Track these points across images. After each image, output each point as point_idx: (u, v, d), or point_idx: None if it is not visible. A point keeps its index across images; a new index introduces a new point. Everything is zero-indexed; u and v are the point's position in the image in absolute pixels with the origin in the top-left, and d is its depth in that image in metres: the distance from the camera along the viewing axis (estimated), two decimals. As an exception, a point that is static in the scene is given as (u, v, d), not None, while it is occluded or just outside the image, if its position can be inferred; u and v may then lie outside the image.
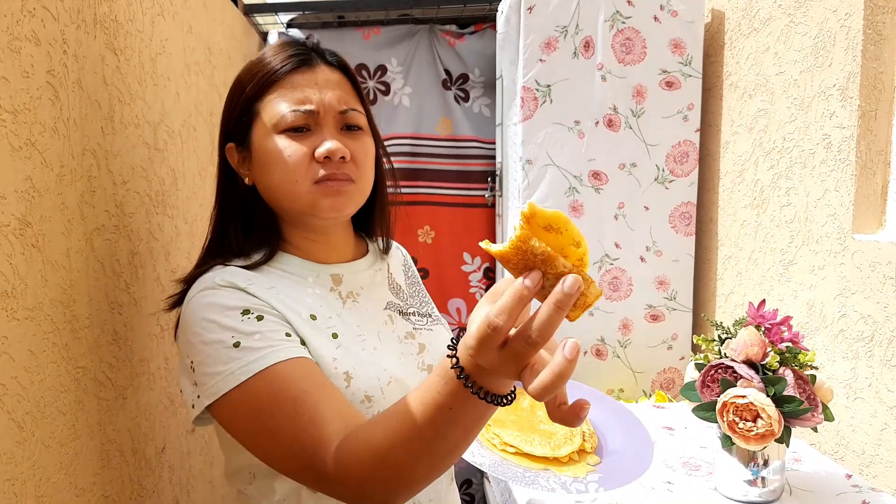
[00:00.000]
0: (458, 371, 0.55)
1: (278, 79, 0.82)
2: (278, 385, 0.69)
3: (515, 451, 0.63)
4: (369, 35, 2.17)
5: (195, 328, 0.74)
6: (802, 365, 0.99)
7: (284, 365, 0.71)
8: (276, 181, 0.81)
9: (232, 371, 0.70)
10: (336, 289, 0.87)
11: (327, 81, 0.83)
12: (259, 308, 0.75)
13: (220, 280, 0.77)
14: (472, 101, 2.23)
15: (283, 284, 0.81)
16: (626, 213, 1.72)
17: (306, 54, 0.84)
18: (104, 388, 0.94)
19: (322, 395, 0.69)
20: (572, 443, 0.66)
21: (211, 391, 0.71)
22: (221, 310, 0.74)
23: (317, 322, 0.80)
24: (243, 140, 0.84)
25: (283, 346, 0.72)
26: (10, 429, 0.71)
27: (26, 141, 0.75)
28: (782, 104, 1.41)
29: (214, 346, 0.72)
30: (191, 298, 0.77)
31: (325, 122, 0.81)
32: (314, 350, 0.76)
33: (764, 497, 1.01)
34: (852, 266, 1.20)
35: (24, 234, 0.74)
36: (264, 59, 0.84)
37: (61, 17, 0.84)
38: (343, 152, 0.80)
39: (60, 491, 0.81)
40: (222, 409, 0.71)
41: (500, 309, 0.50)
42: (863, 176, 1.20)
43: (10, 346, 0.71)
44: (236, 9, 1.92)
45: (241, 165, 0.86)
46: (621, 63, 1.67)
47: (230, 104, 0.87)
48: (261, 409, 0.69)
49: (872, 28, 1.17)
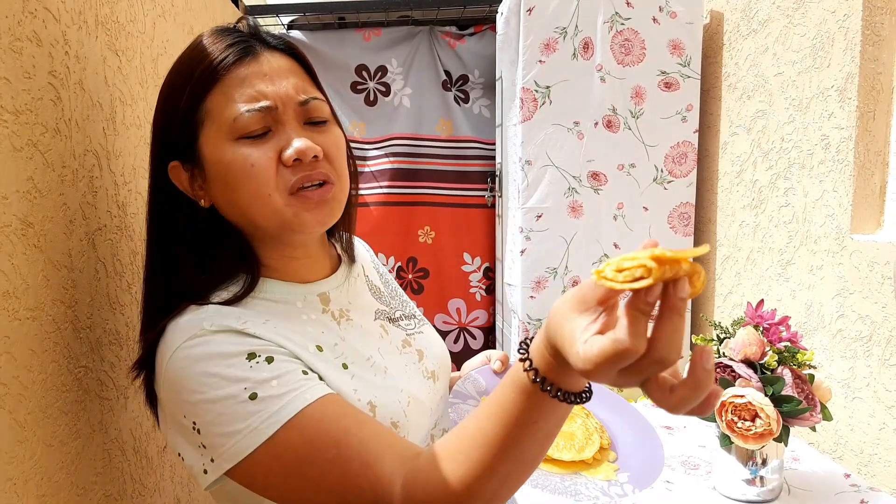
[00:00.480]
0: (541, 382, 0.52)
1: (220, 75, 0.69)
2: (313, 430, 0.61)
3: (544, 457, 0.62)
4: (370, 37, 2.18)
5: (192, 386, 0.63)
6: (801, 364, 0.99)
7: (314, 407, 0.62)
8: (245, 197, 0.69)
9: (254, 427, 0.61)
10: (328, 310, 0.77)
11: (277, 70, 0.71)
12: (265, 349, 0.65)
13: (210, 325, 0.65)
14: (472, 101, 2.23)
15: (275, 316, 0.71)
16: (625, 213, 1.73)
17: (246, 42, 0.71)
18: (106, 388, 0.94)
19: (366, 432, 0.62)
20: (593, 442, 0.64)
21: (230, 453, 0.61)
22: (222, 359, 0.63)
23: (324, 353, 0.71)
24: (189, 155, 0.71)
25: (307, 387, 0.64)
26: (12, 428, 0.72)
27: (28, 141, 0.75)
28: (781, 105, 1.41)
29: (226, 404, 0.62)
30: (173, 352, 0.65)
31: (285, 117, 0.70)
32: (332, 383, 0.68)
33: (762, 496, 1.01)
34: (850, 266, 1.20)
35: (25, 234, 0.75)
36: (199, 55, 0.71)
37: (63, 18, 0.84)
38: (315, 150, 0.69)
39: (62, 490, 0.81)
40: (246, 470, 0.62)
41: (630, 331, 0.44)
42: (861, 176, 1.20)
43: (11, 345, 0.72)
44: (237, 10, 1.93)
45: (193, 185, 0.72)
46: (620, 64, 1.67)
47: (165, 114, 0.73)
48: (299, 461, 0.61)
49: (871, 29, 1.17)
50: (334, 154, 0.73)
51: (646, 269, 0.43)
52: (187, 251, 0.73)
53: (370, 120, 2.23)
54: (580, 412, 0.71)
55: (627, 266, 0.44)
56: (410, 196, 2.23)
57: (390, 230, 2.22)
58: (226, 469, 0.62)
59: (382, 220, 2.21)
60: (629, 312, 0.45)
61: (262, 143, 0.69)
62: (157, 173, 0.74)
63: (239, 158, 0.68)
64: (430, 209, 2.24)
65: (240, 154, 0.68)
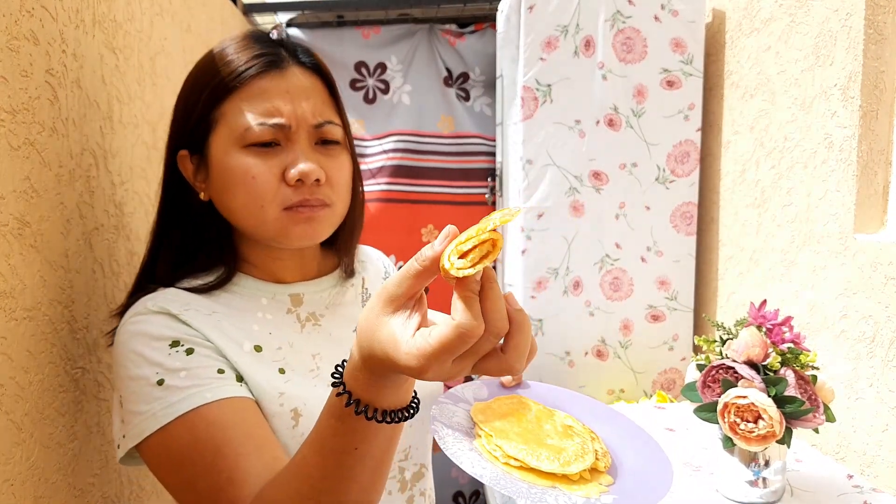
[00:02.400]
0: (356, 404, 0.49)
1: (242, 84, 0.70)
2: (201, 431, 0.62)
3: (520, 464, 0.58)
4: (369, 34, 2.17)
5: (121, 359, 0.67)
6: (804, 365, 0.99)
7: (209, 408, 0.63)
8: (239, 204, 0.71)
9: (154, 412, 0.63)
10: (294, 310, 0.78)
11: (300, 89, 0.72)
12: (190, 339, 0.67)
13: (153, 305, 0.69)
14: (473, 100, 2.22)
15: (227, 309, 0.73)
16: (627, 212, 1.72)
17: (275, 55, 0.72)
18: (104, 389, 0.93)
19: (247, 447, 0.62)
20: (584, 460, 0.59)
21: (134, 432, 0.64)
22: (148, 340, 0.66)
23: (262, 354, 0.71)
24: (199, 148, 0.73)
25: (212, 385, 0.65)
26: (9, 429, 0.71)
27: (25, 140, 0.75)
28: (783, 104, 1.41)
29: (139, 383, 0.65)
30: (122, 324, 0.69)
31: (297, 136, 0.71)
32: (257, 385, 0.68)
33: (765, 498, 1.01)
34: (854, 266, 1.19)
35: (22, 234, 0.74)
36: (225, 58, 0.72)
37: (60, 16, 0.84)
38: (318, 174, 0.70)
39: (59, 492, 0.81)
40: (145, 452, 0.65)
41: (469, 312, 0.44)
42: (864, 176, 1.19)
43: (8, 346, 0.71)
44: (235, 8, 1.92)
45: (196, 177, 0.75)
46: (622, 62, 1.67)
47: (184, 106, 0.75)
48: (182, 458, 0.62)
49: (874, 28, 1.16)
50: (337, 179, 0.74)
51: (491, 242, 0.45)
52: (179, 237, 0.76)
53: (369, 117, 2.22)
54: (585, 433, 0.66)
55: (470, 247, 0.45)
56: (413, 194, 2.21)
57: (392, 228, 2.21)
58: (129, 447, 0.65)
59: (384, 217, 2.20)
60: (462, 295, 0.44)
61: (268, 155, 0.70)
62: (170, 158, 0.77)
63: (242, 167, 0.70)
64: (433, 207, 2.23)
65: (244, 163, 0.70)
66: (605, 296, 1.73)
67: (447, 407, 0.68)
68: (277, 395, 0.69)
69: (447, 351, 0.44)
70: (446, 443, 0.58)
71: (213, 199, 0.75)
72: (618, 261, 1.73)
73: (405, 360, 0.45)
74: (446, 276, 0.45)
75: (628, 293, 1.74)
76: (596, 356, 1.75)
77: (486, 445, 0.63)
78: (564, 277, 1.71)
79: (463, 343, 0.44)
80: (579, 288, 1.72)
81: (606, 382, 1.76)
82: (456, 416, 0.65)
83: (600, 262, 1.72)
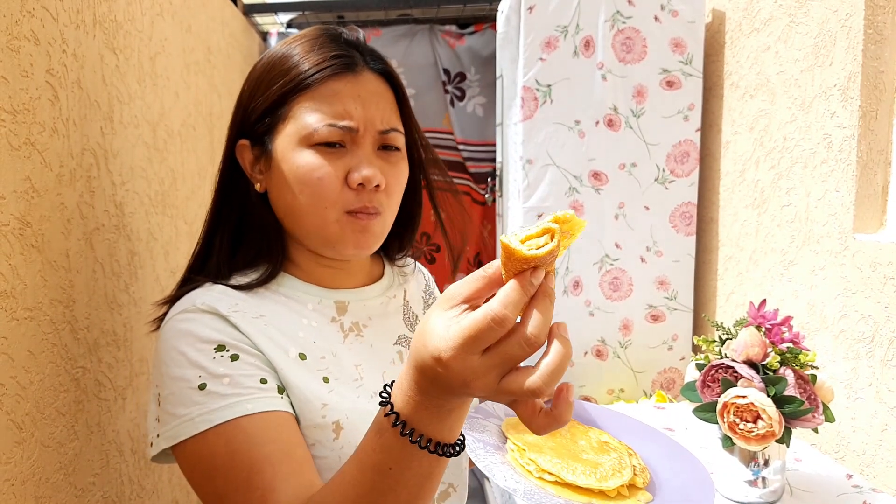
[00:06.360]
0: (394, 417, 0.48)
1: (315, 83, 0.70)
2: (239, 444, 0.61)
3: (555, 479, 0.55)
4: (369, 36, 2.17)
5: (164, 356, 0.66)
6: (803, 365, 0.99)
7: (250, 420, 0.62)
8: (303, 204, 0.71)
9: (192, 417, 0.62)
10: (339, 319, 0.77)
11: (371, 94, 0.72)
12: (236, 345, 0.66)
13: (201, 303, 0.67)
14: (468, 99, 2.22)
15: (274, 312, 0.72)
16: (627, 213, 1.72)
17: (349, 57, 0.72)
18: (104, 389, 0.93)
19: (284, 467, 0.61)
20: (622, 475, 0.57)
21: (170, 434, 0.63)
22: (194, 341, 0.65)
23: (307, 362, 0.70)
24: (261, 140, 0.73)
25: (253, 397, 0.64)
26: (10, 429, 0.71)
27: (25, 141, 0.75)
28: (783, 104, 1.41)
29: (180, 384, 0.64)
30: (169, 319, 0.68)
31: (363, 140, 0.71)
32: (300, 394, 0.67)
33: (764, 497, 1.01)
34: (853, 266, 1.19)
35: (23, 234, 0.74)
36: (298, 56, 0.72)
37: (60, 17, 0.84)
38: (379, 180, 0.71)
39: (60, 491, 0.81)
40: (179, 455, 0.64)
41: (505, 300, 0.42)
42: (864, 176, 1.20)
43: (9, 346, 0.71)
44: (235, 8, 1.92)
45: (254, 168, 0.75)
46: (622, 62, 1.67)
47: (249, 98, 0.74)
48: (216, 469, 0.61)
49: (873, 28, 1.16)
50: (394, 188, 0.75)
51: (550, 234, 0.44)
52: (231, 224, 0.75)
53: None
54: (622, 448, 0.63)
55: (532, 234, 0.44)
56: None
57: None
58: (163, 447, 0.64)
59: None
60: (511, 284, 0.43)
61: (333, 156, 0.70)
62: (230, 146, 0.76)
63: (309, 166, 0.70)
64: (438, 194, 2.25)
65: (310, 161, 0.70)
66: (604, 296, 1.73)
67: (478, 421, 0.67)
68: (321, 405, 0.68)
69: (475, 337, 0.43)
70: (477, 455, 0.56)
71: (270, 194, 0.74)
72: (617, 261, 1.73)
73: (434, 344, 0.44)
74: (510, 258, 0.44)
75: (628, 293, 1.74)
76: (596, 356, 1.75)
77: (519, 459, 0.60)
78: (564, 277, 1.71)
79: (491, 330, 0.42)
80: (579, 288, 1.72)
81: (606, 382, 1.76)
82: (487, 430, 0.63)
83: (600, 262, 1.72)
